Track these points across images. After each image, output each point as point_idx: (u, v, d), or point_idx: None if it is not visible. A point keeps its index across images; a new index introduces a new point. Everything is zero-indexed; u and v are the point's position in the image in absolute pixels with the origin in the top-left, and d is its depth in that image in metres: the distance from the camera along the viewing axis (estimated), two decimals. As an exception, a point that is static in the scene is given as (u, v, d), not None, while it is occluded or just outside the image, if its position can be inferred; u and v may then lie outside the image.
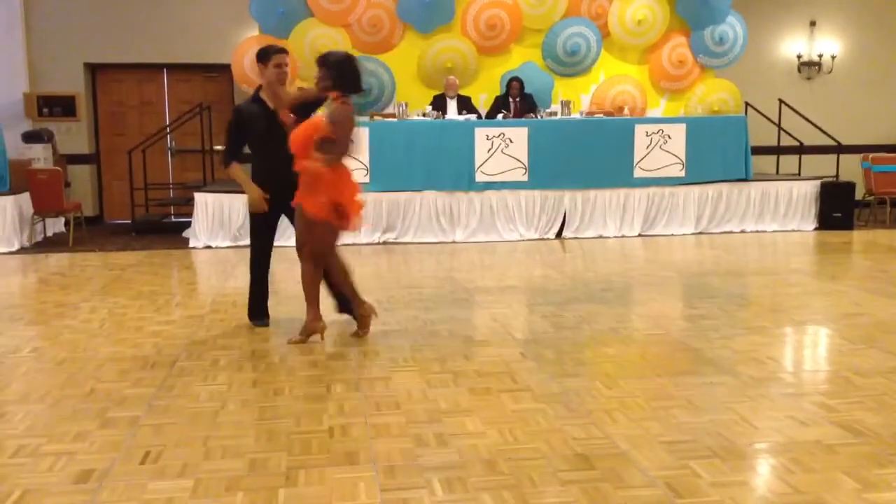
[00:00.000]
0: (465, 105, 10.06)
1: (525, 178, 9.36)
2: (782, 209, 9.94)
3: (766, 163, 11.23)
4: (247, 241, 8.76)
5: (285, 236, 6.23)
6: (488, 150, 9.25)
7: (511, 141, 9.28)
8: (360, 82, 4.69)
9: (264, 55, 5.00)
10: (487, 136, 9.25)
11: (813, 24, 12.37)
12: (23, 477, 3.00)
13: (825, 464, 3.06)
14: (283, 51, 5.03)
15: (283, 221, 5.21)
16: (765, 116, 10.95)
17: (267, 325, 5.27)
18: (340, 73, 4.59)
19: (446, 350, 4.69)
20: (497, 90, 10.50)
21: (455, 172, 9.22)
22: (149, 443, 3.32)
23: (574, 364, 4.41)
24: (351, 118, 4.63)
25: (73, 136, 11.18)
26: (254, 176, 5.03)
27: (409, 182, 9.21)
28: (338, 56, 4.74)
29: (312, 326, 4.86)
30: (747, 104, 11.05)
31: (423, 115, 9.57)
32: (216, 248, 8.93)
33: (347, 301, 5.07)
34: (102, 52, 11.11)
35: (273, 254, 5.32)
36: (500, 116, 9.79)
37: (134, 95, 11.62)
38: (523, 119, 9.63)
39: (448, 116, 9.75)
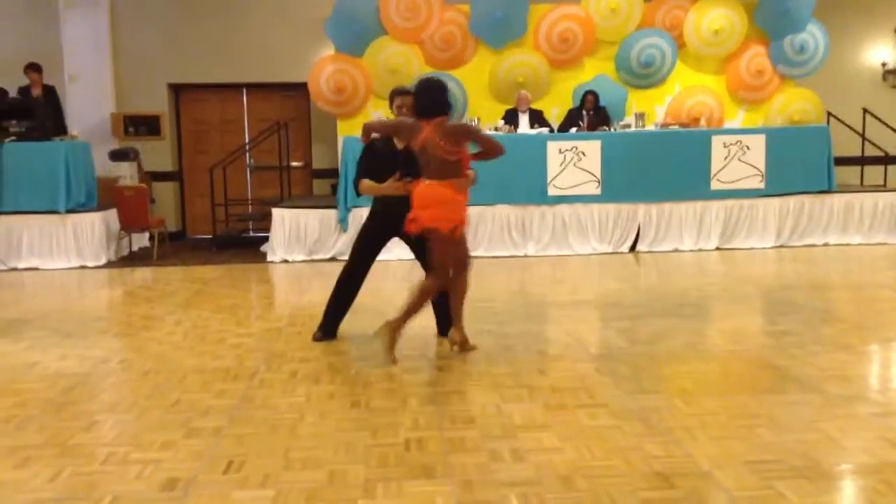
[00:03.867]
0: (537, 119, 10.05)
1: (598, 192, 9.28)
2: (867, 221, 9.61)
3: (849, 174, 10.89)
4: (321, 256, 9.03)
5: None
6: (561, 164, 9.21)
7: (584, 154, 9.21)
8: (421, 107, 4.77)
9: (390, 97, 5.17)
10: (560, 149, 9.22)
11: (898, 30, 11.96)
12: (112, 484, 3.11)
13: (919, 487, 2.94)
14: (403, 93, 5.11)
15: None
16: (848, 126, 10.63)
17: (324, 340, 5.36)
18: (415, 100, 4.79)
19: (520, 364, 4.68)
20: (569, 103, 10.46)
21: (527, 186, 9.21)
22: (231, 452, 3.40)
23: (651, 380, 4.34)
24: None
25: (158, 154, 11.59)
26: (374, 202, 5.24)
27: (481, 196, 9.16)
28: (417, 83, 4.87)
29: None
30: (829, 114, 10.74)
31: (495, 129, 9.58)
32: (292, 262, 9.11)
33: (446, 324, 5.26)
34: (185, 74, 11.50)
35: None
36: (573, 130, 9.74)
37: (215, 114, 11.99)
38: (596, 132, 9.56)
39: (520, 131, 9.75)
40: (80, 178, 9.33)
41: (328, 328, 5.38)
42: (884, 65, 11.97)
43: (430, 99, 4.71)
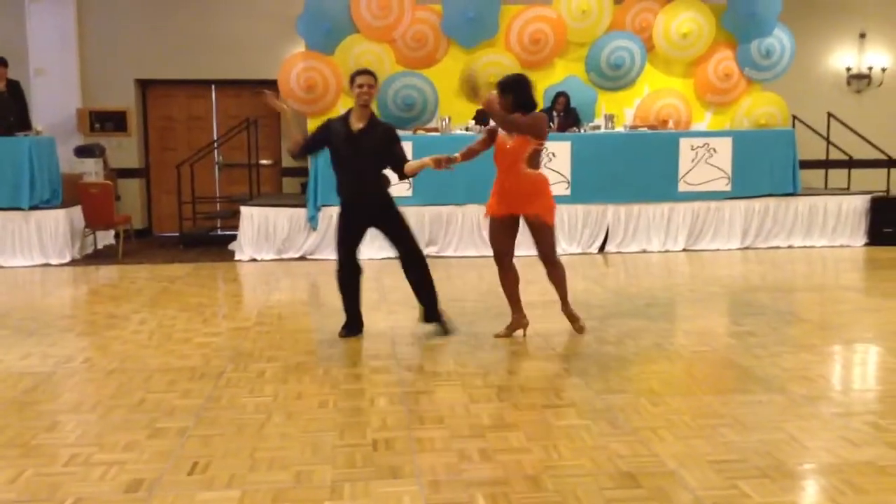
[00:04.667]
0: (508, 119, 10.05)
1: (568, 193, 9.32)
2: (831, 224, 9.76)
3: (814, 177, 11.05)
4: (290, 254, 8.98)
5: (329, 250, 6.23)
6: (531, 165, 9.22)
7: (554, 155, 9.25)
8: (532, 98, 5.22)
9: (351, 78, 5.25)
10: (530, 150, 9.22)
11: (863, 35, 12.15)
12: (75, 485, 3.07)
13: (877, 485, 3.00)
14: (364, 72, 5.24)
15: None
16: (813, 130, 10.78)
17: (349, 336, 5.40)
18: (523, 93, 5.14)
19: (489, 364, 4.69)
20: (540, 104, 10.47)
21: (498, 186, 9.20)
22: (197, 453, 3.37)
23: (618, 380, 4.37)
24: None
25: (124, 150, 11.42)
26: (338, 191, 5.29)
27: (451, 196, 9.22)
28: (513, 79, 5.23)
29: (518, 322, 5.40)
30: (795, 117, 10.89)
31: (466, 129, 9.59)
32: (261, 260, 9.03)
33: (432, 312, 5.45)
34: (153, 69, 11.35)
35: (315, 266, 5.38)
36: (543, 130, 9.76)
37: (183, 111, 11.85)
38: (566, 133, 9.60)
39: (491, 131, 9.75)
40: (44, 174, 9.18)
41: (351, 324, 5.46)
42: (848, 70, 12.16)
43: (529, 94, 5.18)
